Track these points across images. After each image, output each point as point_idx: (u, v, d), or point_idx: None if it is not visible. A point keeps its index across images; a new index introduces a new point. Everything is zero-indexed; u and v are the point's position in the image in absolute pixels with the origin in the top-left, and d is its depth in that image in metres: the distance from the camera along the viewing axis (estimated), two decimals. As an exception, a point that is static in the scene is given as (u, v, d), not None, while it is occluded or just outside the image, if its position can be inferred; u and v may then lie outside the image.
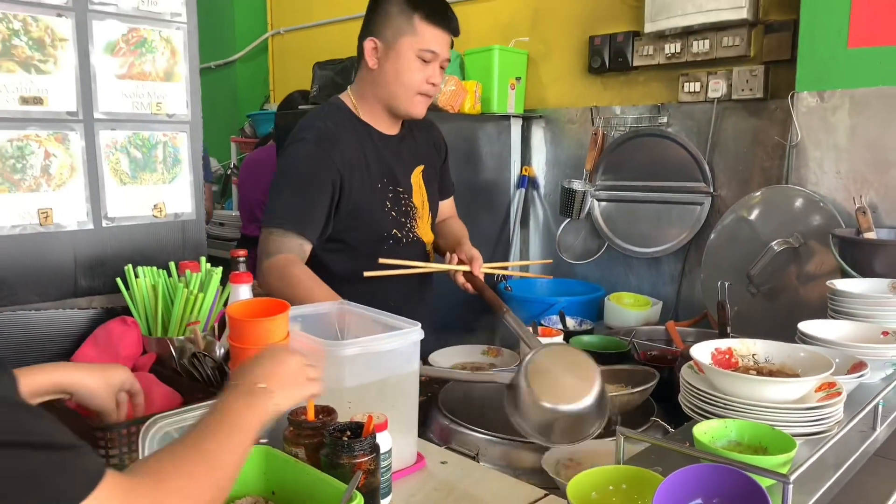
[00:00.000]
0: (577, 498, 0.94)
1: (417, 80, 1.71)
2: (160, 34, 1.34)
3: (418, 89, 1.72)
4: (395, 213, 1.79)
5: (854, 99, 1.98)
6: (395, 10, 1.70)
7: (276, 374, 0.91)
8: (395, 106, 1.76)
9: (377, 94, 1.76)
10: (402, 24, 1.69)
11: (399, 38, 1.69)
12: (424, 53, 1.69)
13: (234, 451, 0.79)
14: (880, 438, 1.20)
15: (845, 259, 1.81)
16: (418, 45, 1.68)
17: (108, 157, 1.30)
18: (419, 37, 1.68)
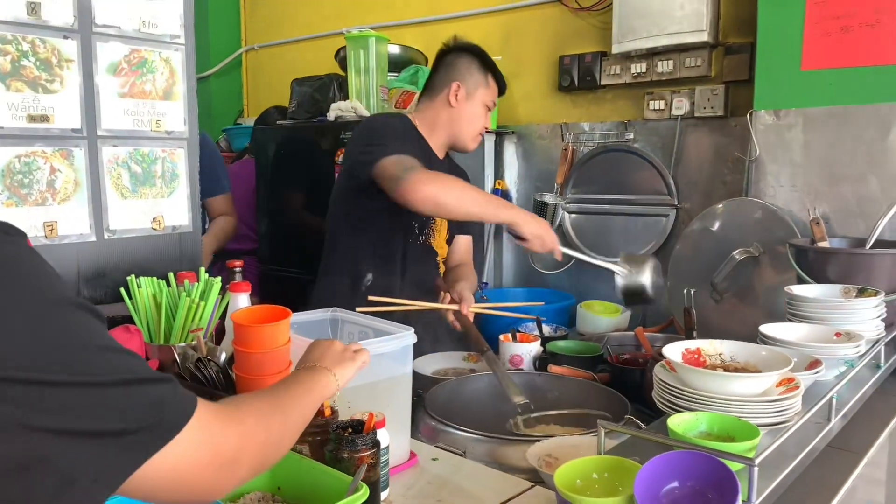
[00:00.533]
0: (563, 485, 1.02)
1: (481, 124, 2.15)
2: (160, 55, 1.40)
3: (479, 130, 2.16)
4: (418, 220, 2.09)
5: (807, 117, 2.12)
6: (475, 68, 2.13)
7: (328, 356, 1.04)
8: (461, 138, 2.15)
9: (446, 126, 2.13)
10: (480, 78, 2.12)
11: (478, 89, 2.11)
12: (489, 103, 2.15)
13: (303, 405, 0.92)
14: (834, 430, 1.31)
15: (801, 266, 1.93)
16: (489, 97, 2.14)
17: (110, 172, 1.35)
18: (491, 90, 2.14)
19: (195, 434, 0.69)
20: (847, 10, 2.02)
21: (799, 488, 1.27)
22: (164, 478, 0.67)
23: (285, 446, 0.86)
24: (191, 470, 0.69)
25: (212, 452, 0.71)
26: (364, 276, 2.03)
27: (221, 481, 0.74)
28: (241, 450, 0.75)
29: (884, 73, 1.98)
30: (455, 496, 1.16)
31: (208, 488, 0.73)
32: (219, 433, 0.73)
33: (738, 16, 2.42)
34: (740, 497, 0.91)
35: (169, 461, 0.67)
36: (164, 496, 0.70)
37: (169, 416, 0.67)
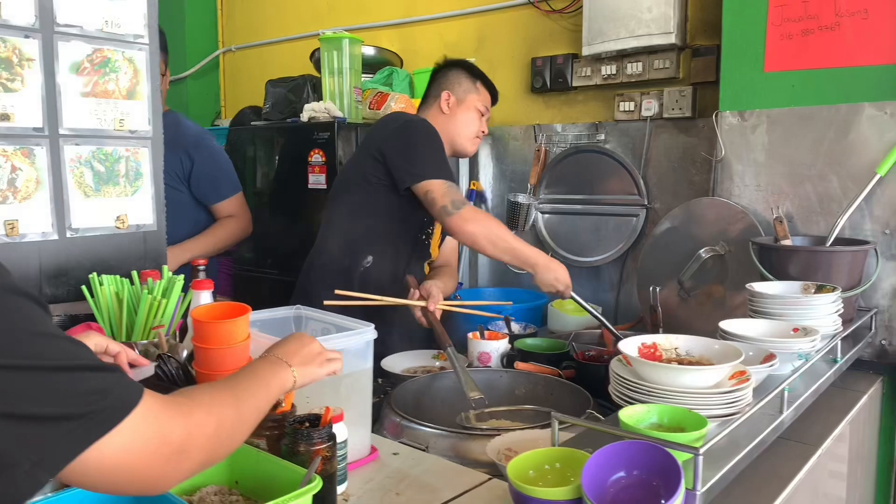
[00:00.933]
0: (515, 475, 1.05)
1: (476, 128, 2.29)
2: (123, 54, 1.41)
3: (476, 134, 2.30)
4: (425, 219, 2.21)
5: (770, 118, 2.16)
6: (464, 76, 2.31)
7: (297, 353, 1.05)
8: (458, 143, 2.29)
9: (443, 133, 2.22)
10: (469, 86, 2.29)
11: (467, 96, 2.28)
12: (483, 108, 2.30)
13: (258, 398, 0.92)
14: (786, 422, 1.34)
15: (764, 264, 1.97)
16: (480, 102, 2.29)
17: (73, 171, 1.36)
18: (481, 96, 2.30)
19: (139, 423, 0.70)
20: (808, 13, 2.07)
21: (752, 478, 1.31)
22: (107, 466, 0.68)
23: (238, 438, 0.87)
24: (135, 459, 0.70)
25: (157, 442, 0.72)
26: (364, 257, 2.13)
27: (169, 472, 0.75)
28: (188, 440, 0.76)
29: (843, 75, 2.02)
30: (412, 489, 1.18)
31: (155, 478, 0.74)
32: (166, 423, 0.73)
33: (704, 19, 2.46)
34: (683, 484, 0.93)
35: (112, 449, 0.68)
36: (110, 485, 0.71)
37: (112, 404, 0.68)
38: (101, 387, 0.68)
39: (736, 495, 1.24)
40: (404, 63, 3.23)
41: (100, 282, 1.32)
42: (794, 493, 1.34)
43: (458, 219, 1.98)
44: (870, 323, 1.98)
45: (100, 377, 0.68)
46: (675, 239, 2.37)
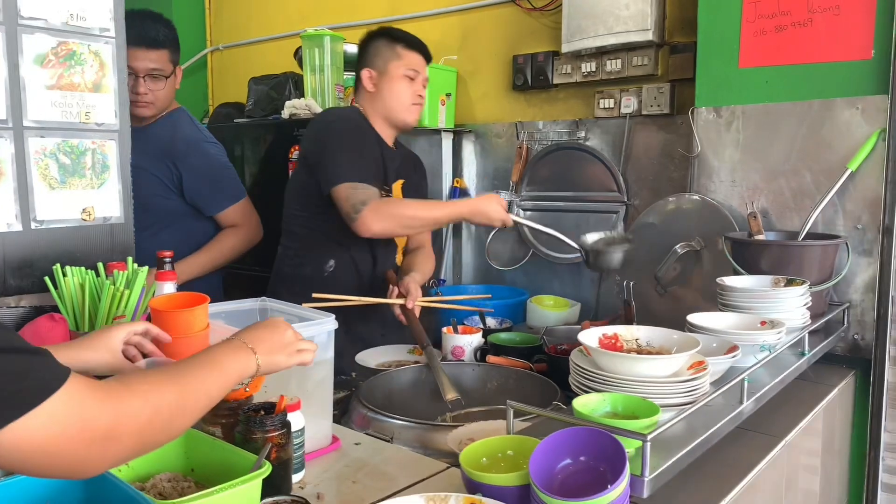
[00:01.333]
0: (467, 462, 1.05)
1: (408, 94, 2.17)
2: (89, 48, 1.41)
3: (410, 100, 2.18)
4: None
5: (745, 114, 2.17)
6: (382, 45, 2.18)
7: (266, 340, 1.03)
8: (394, 117, 2.19)
9: (379, 111, 2.18)
10: (389, 53, 2.16)
11: (388, 64, 2.15)
12: (409, 72, 2.16)
13: (207, 384, 0.90)
14: (746, 412, 1.35)
15: (736, 259, 1.98)
16: (404, 66, 2.16)
17: (38, 163, 1.37)
18: (404, 60, 2.16)
19: (60, 407, 0.69)
20: (781, 9, 2.08)
21: (713, 468, 1.32)
22: (24, 448, 0.68)
23: (179, 425, 0.85)
24: (54, 443, 0.69)
25: (79, 427, 0.71)
26: (325, 262, 2.11)
27: (93, 457, 0.74)
28: (116, 426, 0.75)
29: (816, 71, 2.03)
30: (370, 477, 1.19)
31: (78, 462, 0.73)
32: (90, 409, 0.72)
33: (682, 16, 2.47)
34: (627, 468, 0.94)
35: (29, 432, 0.67)
36: (29, 466, 0.71)
37: (30, 386, 0.68)
38: (21, 369, 0.68)
39: (696, 483, 1.25)
40: (388, 61, 3.23)
41: (63, 273, 1.32)
42: (756, 483, 1.35)
43: (361, 224, 1.90)
44: (842, 317, 1.99)
45: (20, 359, 0.68)
46: (653, 235, 2.38)
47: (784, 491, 1.56)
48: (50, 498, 0.97)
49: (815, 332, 1.83)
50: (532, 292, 2.79)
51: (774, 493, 1.51)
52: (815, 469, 1.86)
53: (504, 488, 0.99)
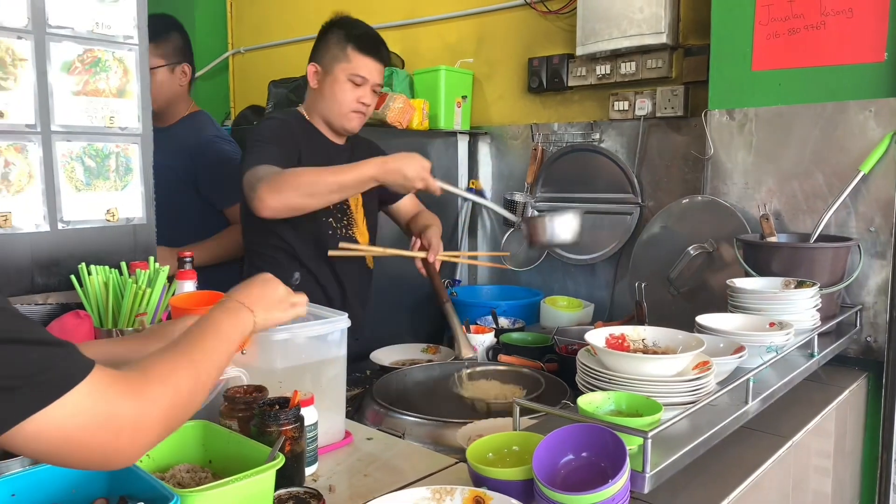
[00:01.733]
0: (474, 457, 1.09)
1: (349, 99, 2.02)
2: (113, 55, 1.47)
3: (350, 108, 2.03)
4: (333, 207, 2.03)
5: (758, 116, 2.18)
6: (333, 41, 2.03)
7: (261, 297, 1.05)
8: (332, 121, 2.07)
9: (318, 110, 2.08)
10: (338, 52, 2.02)
11: (335, 65, 2.01)
12: (355, 77, 2.01)
13: (215, 354, 0.92)
14: (752, 412, 1.37)
15: (748, 261, 1.99)
16: (350, 71, 2.00)
17: (64, 166, 1.42)
18: (352, 64, 2.01)
19: (84, 399, 0.72)
20: (794, 13, 2.09)
21: (718, 466, 1.34)
22: (51, 439, 0.70)
23: (196, 402, 0.87)
24: (80, 434, 0.72)
25: (104, 417, 0.74)
26: (291, 276, 2.00)
27: (123, 447, 0.77)
28: (141, 416, 0.78)
29: (828, 73, 2.04)
30: (381, 471, 1.22)
31: (109, 453, 0.76)
32: (114, 400, 0.75)
33: (696, 19, 2.48)
34: (628, 464, 0.97)
35: (54, 422, 0.70)
36: (56, 457, 0.73)
37: (54, 378, 0.70)
38: (46, 360, 0.70)
39: (701, 481, 1.27)
40: (406, 64, 3.28)
41: (88, 271, 1.38)
42: (762, 482, 1.37)
43: (258, 201, 1.71)
44: (855, 319, 2.00)
45: (46, 350, 0.71)
46: (667, 237, 2.39)
47: (791, 491, 1.57)
48: (76, 486, 1.01)
49: (826, 334, 1.84)
50: (546, 293, 2.82)
51: (781, 492, 1.52)
52: (827, 470, 1.87)
53: (508, 482, 1.03)
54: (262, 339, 1.22)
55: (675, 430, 1.18)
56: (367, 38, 2.04)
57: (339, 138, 2.14)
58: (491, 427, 1.40)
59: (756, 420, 1.43)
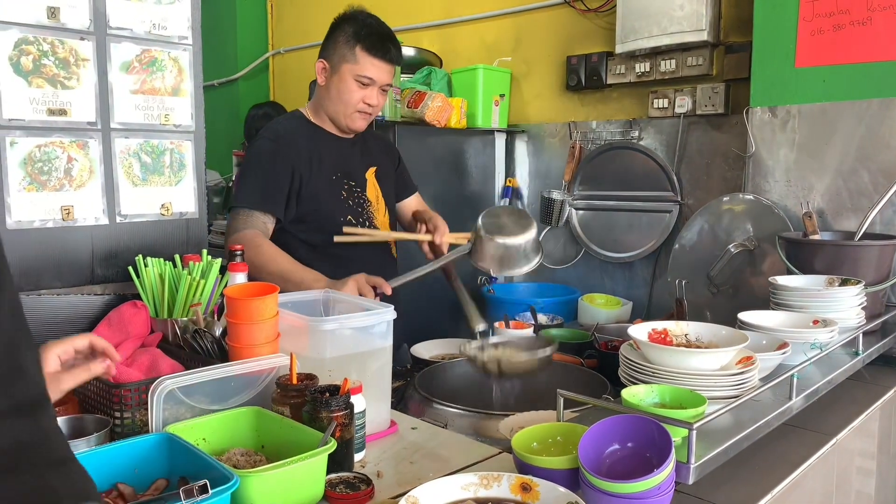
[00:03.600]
0: (519, 446, 1.11)
1: (355, 99, 1.99)
2: (169, 55, 1.52)
3: (355, 108, 2.00)
4: (350, 202, 2.05)
5: (801, 113, 2.16)
6: (342, 40, 2.00)
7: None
8: (337, 119, 2.05)
9: (325, 108, 2.05)
10: (346, 52, 1.98)
11: (342, 64, 1.98)
12: (362, 78, 1.97)
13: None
14: (795, 408, 1.36)
15: (790, 259, 1.98)
16: (356, 72, 1.97)
17: (122, 162, 1.48)
18: (359, 64, 1.97)
19: None
20: (839, 8, 2.07)
21: (761, 462, 1.34)
22: None
23: None
24: None
25: None
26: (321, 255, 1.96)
27: None
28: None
29: (874, 70, 2.01)
30: (426, 459, 1.25)
31: None
32: None
33: (738, 16, 2.47)
34: (673, 454, 0.98)
35: None
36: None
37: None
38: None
39: (743, 475, 1.28)
40: (444, 63, 3.31)
41: (145, 263, 1.43)
42: (804, 479, 1.37)
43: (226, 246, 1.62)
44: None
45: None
46: (707, 235, 2.39)
47: (835, 490, 1.57)
48: (138, 466, 1.06)
49: (871, 333, 1.82)
50: (583, 291, 2.82)
51: (824, 491, 1.51)
52: (870, 472, 1.85)
53: (554, 471, 1.04)
54: (312, 330, 1.26)
55: (718, 425, 1.19)
56: (376, 37, 1.98)
57: (344, 133, 2.11)
58: (533, 419, 1.42)
59: (799, 417, 1.43)
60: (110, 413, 1.18)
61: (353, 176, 2.09)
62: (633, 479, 0.94)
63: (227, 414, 1.17)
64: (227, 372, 1.19)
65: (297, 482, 1.03)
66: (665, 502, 0.97)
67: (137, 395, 1.17)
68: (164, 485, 1.05)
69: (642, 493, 0.95)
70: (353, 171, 2.09)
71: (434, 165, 2.96)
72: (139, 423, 1.19)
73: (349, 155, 2.10)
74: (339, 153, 2.07)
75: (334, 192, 2.02)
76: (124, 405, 1.16)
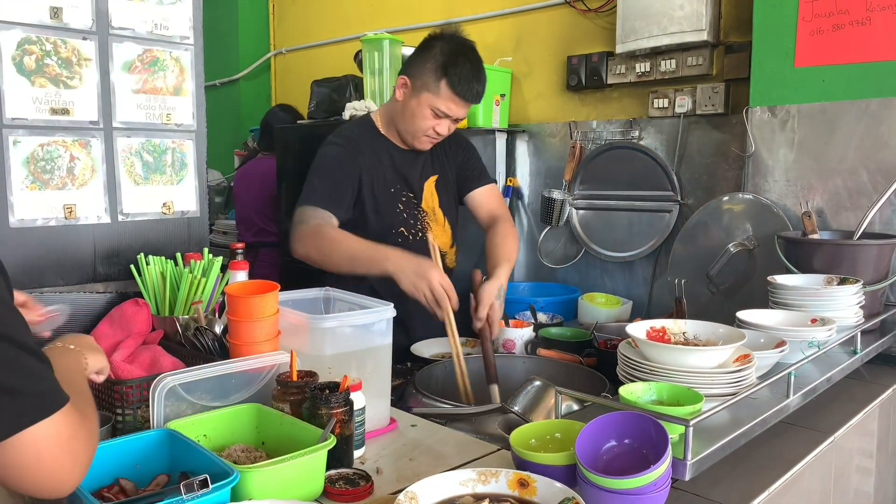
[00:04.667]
0: (517, 443, 1.12)
1: (426, 126, 1.99)
2: (170, 54, 1.53)
3: (424, 133, 2.01)
4: (405, 214, 2.06)
5: (801, 113, 2.17)
6: (431, 67, 1.95)
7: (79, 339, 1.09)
8: (404, 135, 2.06)
9: (395, 121, 2.07)
10: (430, 80, 1.94)
11: (423, 90, 1.96)
12: (438, 111, 1.96)
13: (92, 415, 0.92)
14: (792, 405, 1.37)
15: (789, 258, 1.98)
16: (435, 104, 1.95)
17: (124, 161, 1.49)
18: (439, 98, 1.94)
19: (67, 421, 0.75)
20: (839, 8, 2.07)
21: (758, 459, 1.35)
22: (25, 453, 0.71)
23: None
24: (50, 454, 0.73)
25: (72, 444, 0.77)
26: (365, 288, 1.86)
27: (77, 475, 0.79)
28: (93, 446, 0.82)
29: (874, 70, 2.02)
30: (425, 455, 1.26)
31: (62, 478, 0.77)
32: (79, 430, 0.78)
33: (738, 16, 2.47)
34: (669, 450, 0.99)
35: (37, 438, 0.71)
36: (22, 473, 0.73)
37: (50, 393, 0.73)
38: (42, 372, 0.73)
39: (740, 473, 1.28)
40: (445, 63, 3.32)
41: (146, 262, 1.44)
42: (802, 477, 1.37)
43: (291, 242, 1.85)
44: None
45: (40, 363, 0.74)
46: (706, 234, 2.39)
47: (833, 488, 1.57)
48: (139, 462, 1.07)
49: (870, 332, 1.83)
50: (584, 290, 2.83)
51: (822, 489, 1.52)
52: (869, 470, 1.85)
53: (552, 467, 1.05)
54: (312, 327, 1.27)
55: (715, 422, 1.20)
56: (464, 78, 1.94)
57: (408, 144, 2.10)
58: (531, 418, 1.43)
59: (796, 415, 1.44)
60: (112, 409, 1.19)
61: (413, 187, 2.09)
62: (629, 476, 0.95)
63: (227, 410, 1.19)
64: (227, 369, 1.21)
65: (297, 478, 1.04)
66: (661, 498, 0.98)
67: (139, 391, 1.18)
68: (165, 480, 1.06)
69: (639, 489, 0.95)
70: (413, 182, 2.09)
71: (435, 165, 2.96)
72: (140, 420, 1.20)
73: (412, 165, 2.10)
74: (401, 164, 2.08)
75: (392, 203, 2.04)
76: (126, 401, 1.18)
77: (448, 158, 2.20)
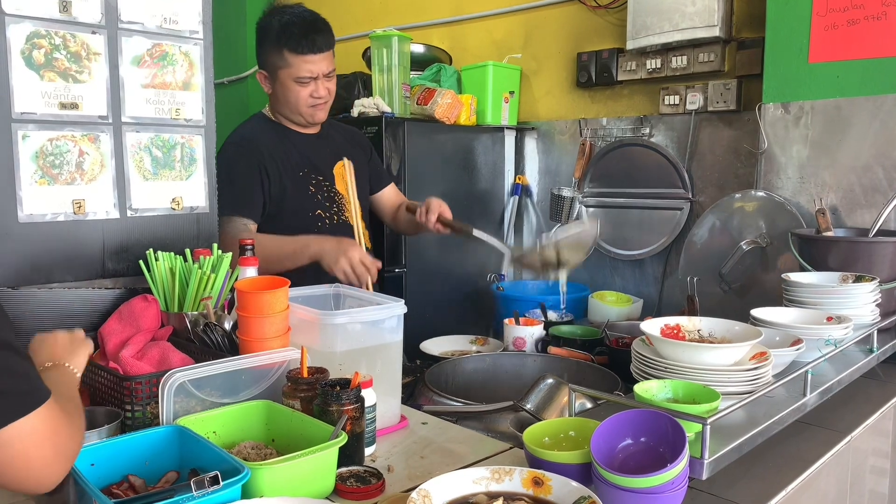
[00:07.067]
0: (531, 441, 1.10)
1: (302, 98, 2.02)
2: (180, 49, 1.52)
3: (306, 104, 2.03)
4: (319, 197, 2.07)
5: (815, 109, 2.14)
6: (269, 47, 2.00)
7: (58, 350, 1.07)
8: (294, 119, 2.09)
9: (280, 111, 2.10)
10: (276, 58, 1.99)
11: (277, 71, 2.00)
12: (300, 79, 1.99)
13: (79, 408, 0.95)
14: (809, 404, 1.35)
15: (803, 255, 1.96)
16: (293, 74, 1.99)
17: (133, 156, 1.48)
18: (293, 67, 1.98)
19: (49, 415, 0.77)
20: (853, 3, 2.05)
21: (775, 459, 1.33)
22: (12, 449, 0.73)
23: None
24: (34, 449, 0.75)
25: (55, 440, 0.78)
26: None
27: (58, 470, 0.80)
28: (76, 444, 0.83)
29: (889, 65, 1.99)
30: (436, 453, 1.25)
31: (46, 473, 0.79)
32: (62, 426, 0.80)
33: (750, 11, 2.45)
34: (687, 449, 0.97)
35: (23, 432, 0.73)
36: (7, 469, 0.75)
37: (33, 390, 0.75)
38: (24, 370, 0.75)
39: (757, 472, 1.27)
40: (454, 60, 3.30)
41: (155, 257, 1.43)
42: (818, 477, 1.35)
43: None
44: (917, 317, 1.95)
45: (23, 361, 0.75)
46: (718, 232, 2.37)
47: (849, 489, 1.55)
48: (149, 459, 1.06)
49: (886, 331, 1.81)
50: (594, 288, 2.81)
51: (839, 490, 1.50)
52: (884, 471, 1.83)
53: (566, 465, 1.03)
54: (323, 324, 1.26)
55: (731, 421, 1.18)
56: (298, 34, 1.96)
57: (310, 129, 2.14)
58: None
59: (812, 414, 1.42)
60: (121, 405, 1.18)
61: (322, 170, 2.11)
62: (646, 474, 0.94)
63: (237, 407, 1.17)
64: (237, 365, 1.19)
65: (308, 475, 1.02)
66: (679, 498, 0.96)
67: (148, 387, 1.17)
68: (174, 477, 1.05)
69: (656, 489, 0.94)
70: (320, 165, 2.11)
71: (443, 163, 2.95)
72: (150, 416, 1.19)
73: (316, 149, 2.12)
74: (304, 148, 2.10)
75: (302, 187, 2.05)
76: (135, 398, 1.16)
77: (354, 150, 2.24)
